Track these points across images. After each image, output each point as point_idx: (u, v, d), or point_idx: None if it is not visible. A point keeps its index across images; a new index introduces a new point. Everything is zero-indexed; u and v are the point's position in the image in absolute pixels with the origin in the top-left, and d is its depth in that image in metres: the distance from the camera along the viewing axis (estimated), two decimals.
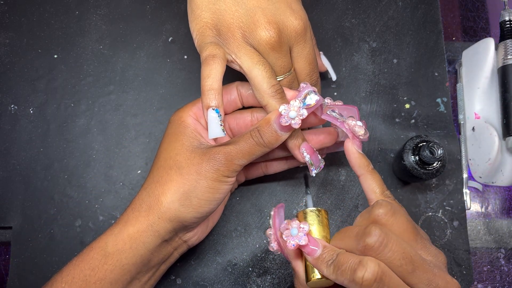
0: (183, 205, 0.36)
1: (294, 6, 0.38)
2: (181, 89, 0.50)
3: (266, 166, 0.45)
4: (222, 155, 0.36)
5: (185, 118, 0.40)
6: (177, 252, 0.40)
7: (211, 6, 0.37)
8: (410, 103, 0.50)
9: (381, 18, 0.52)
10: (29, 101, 0.49)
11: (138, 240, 0.36)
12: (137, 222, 0.37)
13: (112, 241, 0.36)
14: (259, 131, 0.37)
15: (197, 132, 0.39)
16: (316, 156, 0.39)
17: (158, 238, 0.37)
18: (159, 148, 0.40)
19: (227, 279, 0.45)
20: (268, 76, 0.37)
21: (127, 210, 0.38)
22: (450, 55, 0.54)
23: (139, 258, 0.37)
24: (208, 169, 0.36)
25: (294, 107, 0.36)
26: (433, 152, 0.43)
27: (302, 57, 0.40)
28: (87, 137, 0.48)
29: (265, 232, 0.41)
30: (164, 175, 0.37)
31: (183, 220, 0.37)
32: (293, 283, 0.45)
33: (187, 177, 0.37)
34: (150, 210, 0.37)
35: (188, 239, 0.40)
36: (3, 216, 0.46)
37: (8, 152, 0.48)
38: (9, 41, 0.50)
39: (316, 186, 0.48)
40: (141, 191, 0.38)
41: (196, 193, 0.36)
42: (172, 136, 0.39)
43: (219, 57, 0.36)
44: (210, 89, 0.36)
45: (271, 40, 0.37)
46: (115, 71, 0.50)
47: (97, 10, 0.51)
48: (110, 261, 0.36)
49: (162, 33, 0.51)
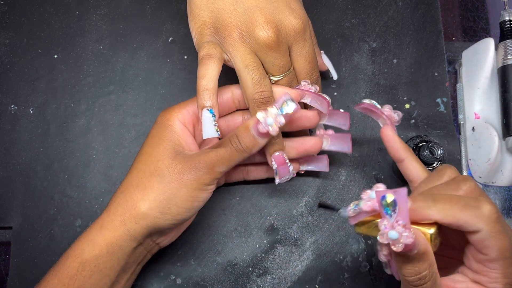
0: (161, 213, 0.36)
1: (293, 5, 0.38)
2: (181, 89, 0.50)
3: (248, 171, 0.45)
4: (204, 163, 0.36)
5: (172, 122, 0.39)
6: (150, 254, 0.41)
7: (210, 5, 0.37)
8: (410, 103, 0.50)
9: (381, 18, 0.52)
10: (29, 101, 0.49)
11: (115, 244, 0.36)
12: (113, 226, 0.36)
13: (89, 248, 0.36)
14: (238, 137, 0.37)
15: (183, 138, 0.39)
16: (285, 168, 0.40)
17: (134, 242, 0.37)
18: (141, 150, 0.39)
19: (227, 279, 0.45)
20: (255, 81, 0.37)
21: (102, 213, 0.38)
22: (450, 55, 0.54)
23: (117, 261, 0.37)
24: (190, 178, 0.36)
25: (271, 114, 0.36)
26: (433, 152, 0.43)
27: (301, 56, 0.40)
28: (87, 137, 0.48)
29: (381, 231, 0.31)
30: (144, 181, 0.37)
31: (161, 227, 0.37)
32: (293, 283, 0.45)
33: (168, 185, 0.36)
34: (127, 214, 0.36)
35: (160, 242, 0.40)
36: (3, 216, 0.46)
37: (8, 152, 0.48)
38: (9, 41, 0.50)
39: (316, 186, 0.48)
40: (117, 194, 0.38)
41: (176, 201, 0.36)
42: (156, 139, 0.39)
43: (215, 57, 0.36)
44: (205, 89, 0.36)
45: (268, 40, 0.37)
46: (115, 71, 0.50)
47: (97, 10, 0.51)
48: (88, 268, 0.36)
49: (162, 33, 0.51)
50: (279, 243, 0.46)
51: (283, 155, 0.40)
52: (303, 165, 0.45)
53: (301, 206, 0.47)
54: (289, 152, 0.41)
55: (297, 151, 0.41)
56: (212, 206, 0.47)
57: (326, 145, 0.43)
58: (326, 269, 0.46)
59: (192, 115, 0.40)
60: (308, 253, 0.46)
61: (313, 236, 0.47)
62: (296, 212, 0.47)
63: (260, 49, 0.37)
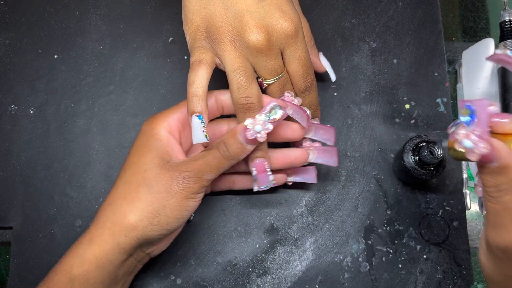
0: (151, 224, 0.36)
1: (285, 8, 0.38)
2: (181, 89, 0.50)
3: (233, 181, 0.44)
4: (192, 171, 0.36)
5: (157, 130, 0.39)
6: (140, 264, 0.40)
7: (202, 10, 0.37)
8: (410, 103, 0.50)
9: (381, 18, 0.52)
10: (29, 101, 0.49)
11: (104, 259, 0.36)
12: (102, 240, 0.36)
13: (77, 263, 0.36)
14: (225, 144, 0.37)
15: (169, 146, 0.38)
16: (264, 176, 0.40)
17: (124, 254, 0.37)
18: (127, 161, 0.39)
19: (227, 280, 0.45)
20: (240, 86, 0.37)
21: (90, 226, 0.37)
22: (450, 55, 0.54)
23: (107, 275, 0.36)
24: (178, 187, 0.36)
25: (259, 121, 0.36)
26: (433, 153, 0.43)
27: (294, 60, 0.39)
28: (87, 137, 0.48)
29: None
30: (132, 192, 0.37)
31: (151, 238, 0.37)
32: (293, 283, 0.45)
33: (157, 195, 0.36)
34: (116, 227, 0.36)
35: (150, 252, 0.40)
36: (3, 216, 0.46)
37: (8, 152, 0.48)
38: (9, 41, 0.50)
39: (316, 186, 0.48)
40: (105, 206, 0.37)
41: (165, 212, 0.36)
42: (142, 149, 0.38)
43: (205, 63, 0.37)
44: (194, 96, 0.36)
45: (258, 44, 0.36)
46: (115, 71, 0.50)
47: (97, 10, 0.51)
48: (77, 283, 0.35)
49: (162, 33, 0.51)
50: (279, 243, 0.46)
51: (265, 162, 0.40)
52: (291, 176, 0.45)
53: (301, 206, 0.47)
54: (274, 163, 0.41)
55: (282, 162, 0.41)
56: (212, 206, 0.47)
57: (312, 158, 0.43)
58: (326, 269, 0.46)
59: (177, 122, 0.39)
60: (308, 253, 0.46)
61: (313, 236, 0.47)
62: (296, 212, 0.47)
63: (250, 53, 0.37)
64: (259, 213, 0.47)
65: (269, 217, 0.47)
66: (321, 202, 0.48)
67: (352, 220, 0.47)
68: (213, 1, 0.37)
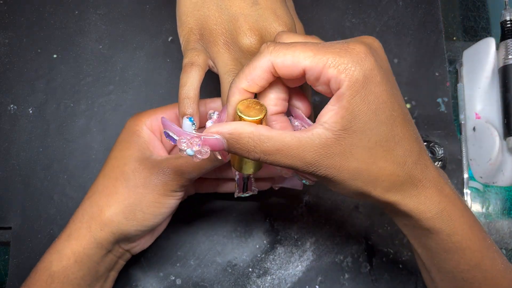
0: (126, 218, 0.36)
1: (279, 12, 0.37)
2: None
3: (218, 185, 0.44)
4: (172, 169, 0.36)
5: (139, 128, 0.39)
6: (122, 260, 0.40)
7: (196, 12, 0.37)
8: (411, 103, 0.50)
9: (381, 17, 0.52)
10: (28, 101, 0.49)
11: (82, 253, 0.36)
12: (80, 235, 0.36)
13: (56, 259, 0.36)
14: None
15: (150, 143, 0.39)
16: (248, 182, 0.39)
17: (102, 249, 0.37)
18: (109, 155, 0.39)
19: (227, 280, 0.45)
20: None
21: (69, 221, 0.37)
22: (451, 55, 0.54)
23: (87, 270, 0.36)
24: (156, 182, 0.36)
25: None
26: (434, 152, 0.43)
27: None
28: (87, 137, 0.48)
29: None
30: (110, 186, 0.37)
31: (126, 233, 0.37)
32: (293, 284, 0.45)
33: (134, 190, 0.36)
34: (92, 221, 0.36)
35: (130, 249, 0.40)
36: (2, 216, 0.46)
37: (8, 152, 0.47)
38: (8, 41, 0.50)
39: (316, 186, 0.48)
40: (84, 201, 0.37)
41: (141, 207, 0.36)
42: (123, 144, 0.38)
43: (197, 65, 0.36)
44: (185, 98, 0.36)
45: (252, 47, 0.36)
46: (115, 71, 0.50)
47: (96, 10, 0.51)
48: (57, 280, 0.35)
49: (162, 33, 0.51)
50: (279, 243, 0.46)
51: None
52: (277, 183, 0.44)
53: (301, 207, 0.47)
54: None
55: (267, 171, 0.41)
56: (212, 206, 0.47)
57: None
58: (327, 270, 0.46)
59: (160, 122, 0.39)
60: (309, 253, 0.46)
61: (314, 237, 0.47)
62: (296, 212, 0.47)
63: (244, 56, 0.37)
64: (259, 213, 0.47)
65: (269, 217, 0.47)
66: (322, 202, 0.47)
67: (353, 220, 0.47)
68: (207, 3, 0.37)
